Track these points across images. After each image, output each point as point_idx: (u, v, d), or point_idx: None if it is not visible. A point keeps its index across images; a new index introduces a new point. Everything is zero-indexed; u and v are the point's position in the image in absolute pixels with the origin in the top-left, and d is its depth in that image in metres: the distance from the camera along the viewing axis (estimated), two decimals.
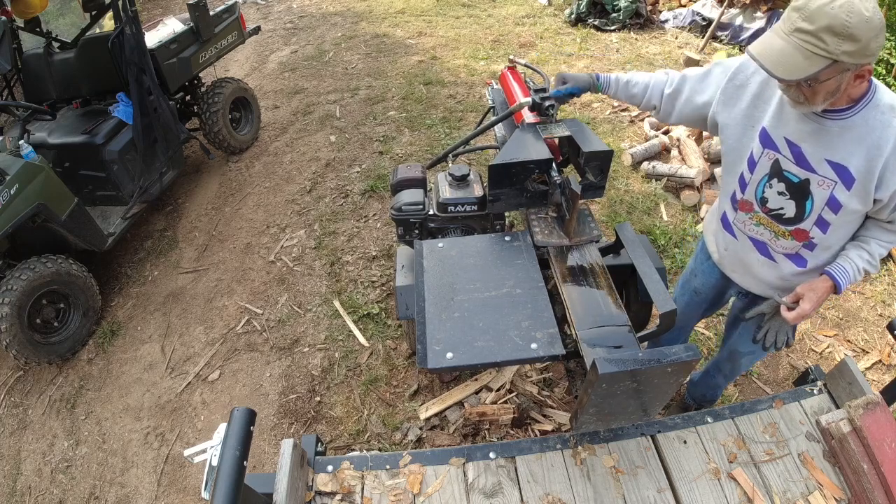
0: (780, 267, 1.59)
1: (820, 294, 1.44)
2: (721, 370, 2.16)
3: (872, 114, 1.29)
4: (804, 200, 1.43)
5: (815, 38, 1.14)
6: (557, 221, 1.73)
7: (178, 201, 4.15)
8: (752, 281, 1.70)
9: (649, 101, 1.71)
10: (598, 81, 1.76)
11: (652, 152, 4.12)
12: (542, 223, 1.72)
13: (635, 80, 1.72)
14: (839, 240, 1.49)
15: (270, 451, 2.51)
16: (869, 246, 1.45)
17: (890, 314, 2.95)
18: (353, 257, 3.46)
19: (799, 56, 1.16)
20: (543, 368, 2.62)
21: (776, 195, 1.48)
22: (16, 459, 2.65)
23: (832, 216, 1.41)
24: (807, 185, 1.40)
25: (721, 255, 1.78)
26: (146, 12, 7.68)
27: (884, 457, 1.32)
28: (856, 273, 1.44)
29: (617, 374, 1.13)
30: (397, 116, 4.90)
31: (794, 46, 1.17)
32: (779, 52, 1.19)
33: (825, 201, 1.39)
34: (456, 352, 1.35)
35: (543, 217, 1.75)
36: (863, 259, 1.44)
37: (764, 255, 1.61)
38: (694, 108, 1.61)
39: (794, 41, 1.17)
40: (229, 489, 1.01)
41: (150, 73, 3.36)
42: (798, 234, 1.50)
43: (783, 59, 1.18)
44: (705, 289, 1.95)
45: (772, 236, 1.56)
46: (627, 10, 6.24)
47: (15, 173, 2.61)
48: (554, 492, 1.41)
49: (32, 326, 2.80)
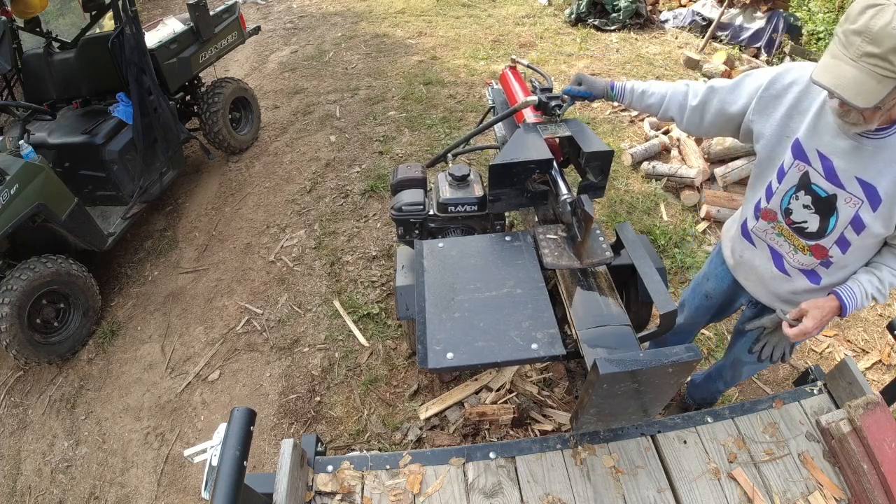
0: (794, 282, 1.58)
1: (825, 313, 1.42)
2: (723, 376, 2.16)
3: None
4: (829, 216, 1.42)
5: (884, 60, 1.10)
6: (567, 241, 1.63)
7: (178, 201, 4.15)
8: (763, 291, 1.70)
9: (666, 112, 1.71)
10: (612, 91, 1.76)
11: (652, 152, 4.12)
12: (552, 244, 1.61)
13: (651, 91, 1.71)
14: (856, 261, 1.47)
15: (270, 451, 2.51)
16: (881, 272, 1.44)
17: (890, 314, 2.95)
18: (353, 257, 3.46)
19: (873, 81, 1.13)
20: (543, 368, 2.62)
21: (801, 208, 1.46)
22: (16, 459, 2.65)
23: (854, 236, 1.39)
24: (833, 200, 1.39)
25: (736, 262, 1.77)
26: (146, 12, 7.68)
27: (884, 457, 1.32)
28: (864, 298, 1.42)
29: (618, 375, 1.13)
30: (397, 116, 4.90)
31: (867, 73, 1.13)
32: (853, 80, 1.15)
33: (849, 219, 1.38)
34: (456, 352, 1.35)
35: (553, 238, 1.64)
36: (872, 285, 1.43)
37: (779, 269, 1.60)
38: (727, 118, 1.59)
39: (865, 66, 1.13)
40: (229, 489, 1.01)
41: (150, 73, 3.36)
42: (817, 250, 1.48)
43: (859, 88, 1.14)
44: (716, 293, 1.94)
45: (790, 249, 1.55)
46: (627, 10, 6.24)
47: (15, 173, 2.61)
48: (554, 492, 1.41)
49: (32, 326, 2.80)
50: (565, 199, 1.63)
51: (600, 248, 1.56)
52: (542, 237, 1.64)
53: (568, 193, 1.65)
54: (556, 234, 1.65)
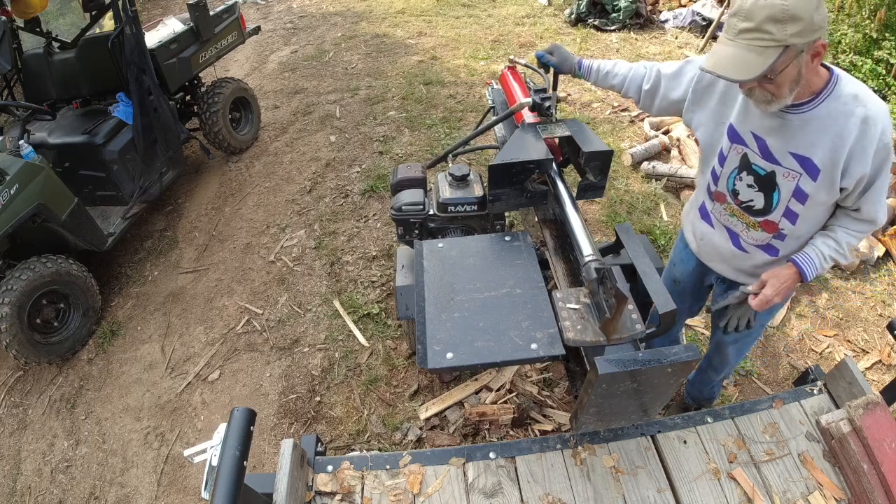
0: (753, 257, 1.64)
1: (783, 280, 1.47)
2: (711, 364, 2.18)
3: (834, 105, 1.32)
4: (771, 192, 1.48)
5: (760, 32, 1.16)
6: (590, 310, 1.36)
7: (178, 201, 4.15)
8: (728, 268, 1.75)
9: (626, 92, 1.78)
10: (579, 70, 1.81)
11: (652, 152, 4.12)
12: (574, 315, 1.35)
13: (615, 72, 1.78)
14: (809, 230, 1.52)
15: (270, 451, 2.51)
16: (836, 234, 1.48)
17: (890, 314, 2.95)
18: (353, 257, 3.46)
19: (752, 55, 1.19)
20: (543, 368, 2.62)
21: (746, 187, 1.53)
22: (16, 459, 2.65)
23: (800, 207, 1.45)
24: (773, 177, 1.45)
25: (699, 245, 1.83)
26: (146, 12, 7.68)
27: (884, 457, 1.32)
28: (822, 261, 1.46)
29: (617, 375, 1.13)
30: (397, 116, 4.90)
31: (744, 48, 1.20)
32: (731, 57, 1.22)
33: (791, 192, 1.44)
34: (456, 352, 1.35)
35: (575, 308, 1.37)
36: (829, 247, 1.47)
37: (737, 247, 1.67)
38: (670, 103, 1.68)
39: (742, 43, 1.20)
40: (229, 489, 1.01)
41: (150, 73, 3.36)
42: (767, 225, 1.54)
43: (737, 63, 1.21)
44: (684, 277, 1.98)
45: (743, 227, 1.61)
46: (627, 10, 6.24)
47: (15, 173, 2.61)
48: (554, 492, 1.41)
49: (32, 326, 2.80)
50: (591, 264, 1.38)
51: (631, 323, 1.31)
52: (561, 305, 1.38)
53: (594, 256, 1.40)
54: (577, 304, 1.39)
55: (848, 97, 1.31)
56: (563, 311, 1.38)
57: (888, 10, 4.30)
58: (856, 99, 1.31)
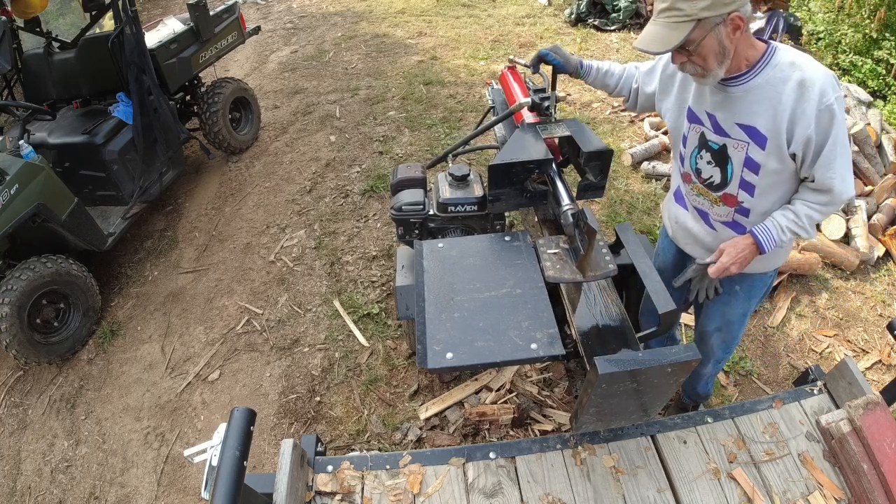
0: (722, 235, 1.68)
1: (739, 249, 1.50)
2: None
3: (771, 73, 1.40)
4: (725, 165, 1.55)
5: (673, 10, 1.31)
6: (569, 254, 1.60)
7: (178, 201, 4.15)
8: (702, 251, 1.78)
9: (620, 91, 1.87)
10: (581, 69, 1.88)
11: (652, 152, 4.12)
12: (553, 258, 1.58)
13: (612, 72, 1.87)
14: (772, 204, 1.56)
15: (270, 451, 2.51)
16: (794, 206, 1.50)
17: (890, 314, 2.95)
18: (353, 257, 3.46)
19: (667, 30, 1.33)
20: (543, 368, 2.62)
21: (706, 164, 1.61)
22: (16, 459, 2.65)
23: (754, 177, 1.50)
24: (725, 149, 1.53)
25: (674, 229, 1.87)
26: (146, 12, 7.68)
27: (884, 457, 1.32)
28: (779, 232, 1.49)
29: (617, 375, 1.13)
30: (397, 116, 4.90)
31: (662, 24, 1.34)
32: (652, 34, 1.37)
33: (742, 162, 1.50)
34: (456, 352, 1.35)
35: (555, 252, 1.60)
36: (787, 219, 1.49)
37: (707, 225, 1.72)
38: (646, 98, 1.78)
39: (661, 21, 1.35)
40: (229, 489, 1.01)
41: (150, 73, 3.36)
42: (727, 199, 1.60)
43: (656, 38, 1.36)
44: (666, 266, 2.00)
45: (709, 204, 1.67)
46: (627, 10, 6.24)
47: (15, 173, 2.61)
48: (554, 492, 1.41)
49: (32, 326, 2.80)
50: (567, 211, 1.60)
51: (604, 262, 1.52)
52: (543, 251, 1.60)
53: (570, 204, 1.62)
54: (557, 248, 1.62)
55: (784, 65, 1.38)
56: (544, 255, 1.60)
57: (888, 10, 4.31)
58: (792, 65, 1.37)
